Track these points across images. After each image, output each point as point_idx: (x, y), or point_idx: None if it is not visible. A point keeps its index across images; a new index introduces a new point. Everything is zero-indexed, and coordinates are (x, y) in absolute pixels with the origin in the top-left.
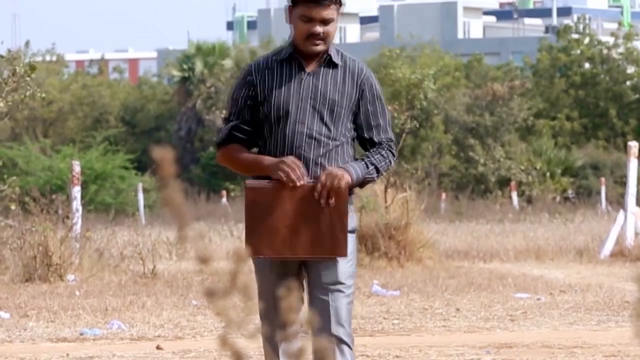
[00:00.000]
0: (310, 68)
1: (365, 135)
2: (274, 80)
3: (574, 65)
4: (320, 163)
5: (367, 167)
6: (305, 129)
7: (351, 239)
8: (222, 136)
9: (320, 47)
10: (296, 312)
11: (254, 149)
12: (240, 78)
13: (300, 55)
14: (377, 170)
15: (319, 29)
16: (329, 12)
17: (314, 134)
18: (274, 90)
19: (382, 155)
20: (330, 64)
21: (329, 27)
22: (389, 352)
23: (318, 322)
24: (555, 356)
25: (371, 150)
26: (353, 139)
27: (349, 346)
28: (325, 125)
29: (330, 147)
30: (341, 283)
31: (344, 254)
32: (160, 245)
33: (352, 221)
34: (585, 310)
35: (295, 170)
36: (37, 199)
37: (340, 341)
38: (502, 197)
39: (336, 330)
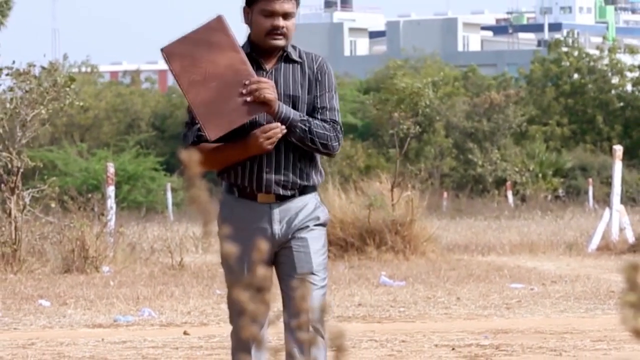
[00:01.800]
0: (268, 66)
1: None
2: None
3: (563, 76)
4: (290, 161)
5: (302, 119)
6: None
7: (322, 232)
8: (192, 139)
9: (281, 42)
10: (268, 304)
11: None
12: None
13: (258, 53)
14: (310, 131)
15: (281, 22)
16: (289, 6)
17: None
18: None
19: (324, 126)
20: (288, 60)
21: (289, 23)
22: (396, 337)
23: (292, 313)
24: (547, 341)
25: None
26: None
27: (322, 337)
28: None
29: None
30: (315, 275)
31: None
32: (187, 240)
33: (323, 215)
34: (575, 299)
35: (268, 130)
36: (74, 198)
37: (316, 331)
38: (499, 196)
39: (311, 321)
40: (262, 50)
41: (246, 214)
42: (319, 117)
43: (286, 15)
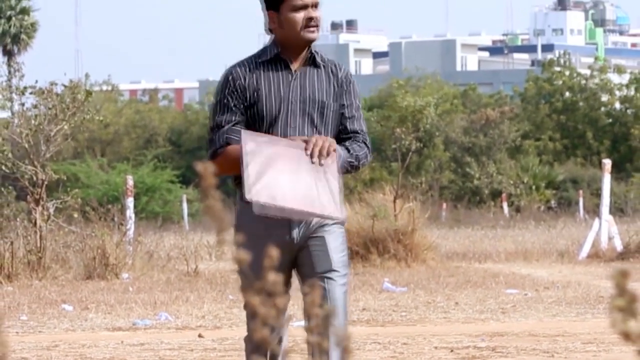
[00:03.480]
0: (296, 67)
1: (340, 124)
2: (260, 83)
3: (556, 94)
4: None
5: (349, 152)
6: (297, 133)
7: (340, 230)
8: (221, 142)
9: (316, 35)
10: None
11: None
12: (224, 82)
13: (287, 54)
14: (357, 159)
15: (314, 12)
16: None
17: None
18: (261, 93)
19: (359, 146)
20: (314, 63)
21: (319, 13)
22: (398, 340)
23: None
24: (540, 343)
25: (348, 141)
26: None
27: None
28: (316, 128)
29: None
30: (335, 271)
31: (339, 216)
32: (201, 248)
33: (343, 215)
34: (566, 304)
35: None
36: (96, 209)
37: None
38: (495, 207)
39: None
40: (291, 49)
41: (263, 220)
42: (348, 127)
43: (315, 5)
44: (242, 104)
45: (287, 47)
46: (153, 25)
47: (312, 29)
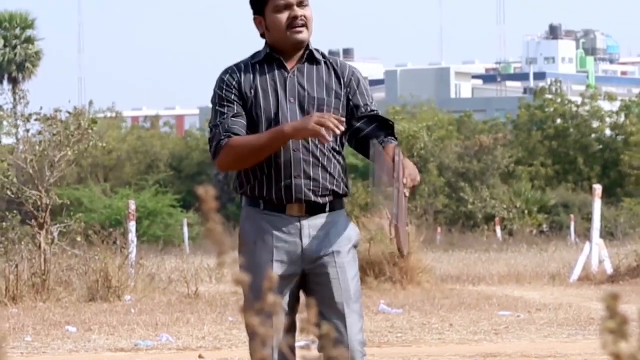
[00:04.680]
0: (291, 66)
1: (360, 109)
2: (256, 82)
3: (548, 121)
4: (319, 165)
5: (397, 139)
6: None
7: (356, 256)
8: (221, 137)
9: (305, 35)
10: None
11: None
12: (219, 82)
13: (280, 54)
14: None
15: (299, 11)
16: None
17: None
18: (258, 93)
19: (391, 125)
20: (313, 61)
21: (307, 12)
22: None
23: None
24: None
25: (375, 124)
26: (342, 145)
27: None
28: None
29: (326, 147)
30: (354, 303)
31: (405, 250)
32: (202, 271)
33: (355, 235)
34: (558, 326)
35: (329, 119)
36: (99, 233)
37: None
38: (488, 231)
39: (352, 345)
40: (284, 51)
41: (273, 227)
42: (365, 112)
43: (300, 4)
44: (240, 100)
45: (279, 50)
46: (154, 54)
47: (298, 28)
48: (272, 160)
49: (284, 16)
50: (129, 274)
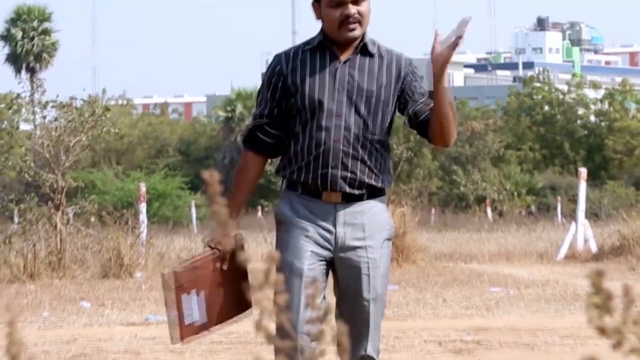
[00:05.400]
0: (344, 56)
1: (414, 95)
2: (305, 69)
3: (536, 107)
4: (358, 158)
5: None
6: (342, 122)
7: (390, 250)
8: (244, 134)
9: (357, 32)
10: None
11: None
12: (269, 69)
13: (333, 43)
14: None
15: (352, 9)
16: None
17: (351, 127)
18: (306, 80)
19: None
20: (366, 53)
21: (362, 7)
22: (390, 334)
23: (351, 337)
24: (521, 337)
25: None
26: (389, 137)
27: None
28: (362, 118)
29: (368, 141)
30: (381, 299)
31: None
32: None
33: (389, 227)
34: (545, 301)
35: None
36: (111, 213)
37: (369, 357)
38: (479, 212)
39: (369, 348)
40: (336, 41)
41: (308, 211)
42: (419, 97)
43: (356, 1)
44: (280, 90)
45: (331, 38)
46: (163, 44)
47: (350, 26)
48: (313, 148)
49: (336, 12)
50: (139, 252)
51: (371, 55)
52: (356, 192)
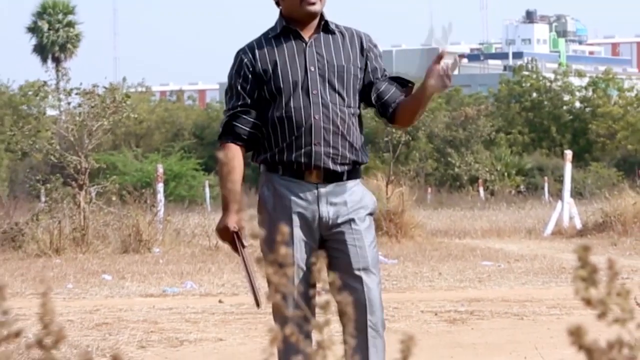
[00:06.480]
0: (308, 36)
1: (377, 72)
2: (274, 54)
3: (525, 94)
4: (339, 133)
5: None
6: (319, 99)
7: (372, 222)
8: (221, 127)
9: (317, 7)
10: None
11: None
12: (235, 65)
13: (296, 25)
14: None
15: None
16: None
17: (328, 103)
18: (277, 64)
19: (410, 86)
20: (328, 31)
21: None
22: (389, 305)
23: (351, 310)
24: (511, 308)
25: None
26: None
27: (381, 337)
28: (338, 93)
29: (347, 115)
30: (372, 271)
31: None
32: None
33: (371, 202)
34: (534, 274)
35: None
36: (131, 193)
37: (373, 330)
38: (472, 191)
39: (371, 319)
40: (298, 21)
41: (291, 193)
42: (383, 75)
43: None
44: (250, 79)
45: (293, 20)
46: (180, 35)
47: (311, 0)
48: (295, 129)
49: None
50: (157, 229)
51: (333, 32)
52: (339, 168)
